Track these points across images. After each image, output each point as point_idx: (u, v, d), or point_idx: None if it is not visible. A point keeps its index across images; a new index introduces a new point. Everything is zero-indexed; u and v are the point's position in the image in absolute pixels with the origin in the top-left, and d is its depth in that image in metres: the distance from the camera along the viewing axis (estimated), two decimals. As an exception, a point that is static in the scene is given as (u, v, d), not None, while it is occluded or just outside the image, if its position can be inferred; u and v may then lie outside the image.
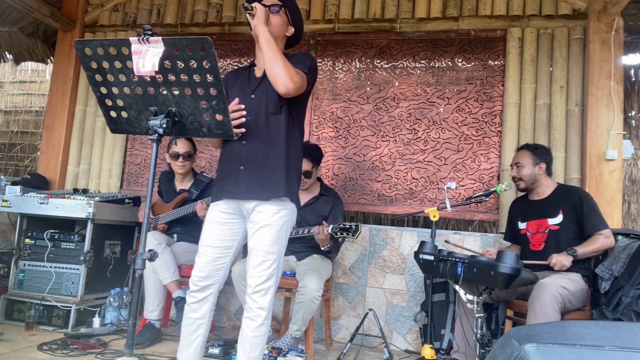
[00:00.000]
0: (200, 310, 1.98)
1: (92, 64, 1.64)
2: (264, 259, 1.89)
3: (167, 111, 1.65)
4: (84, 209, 3.06)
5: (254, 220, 1.92)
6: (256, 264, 1.90)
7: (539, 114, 3.35)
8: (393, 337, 3.33)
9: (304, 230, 2.88)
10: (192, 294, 1.97)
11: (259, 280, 1.89)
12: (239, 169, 1.94)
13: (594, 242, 2.53)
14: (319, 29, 3.79)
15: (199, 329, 1.99)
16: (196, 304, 1.97)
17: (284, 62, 1.82)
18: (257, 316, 1.89)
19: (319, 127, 3.76)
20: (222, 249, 1.97)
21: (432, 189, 3.49)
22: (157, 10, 4.17)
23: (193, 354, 1.99)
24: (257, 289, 1.89)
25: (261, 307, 1.89)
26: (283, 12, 2.00)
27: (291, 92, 1.85)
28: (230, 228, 1.99)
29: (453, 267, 2.25)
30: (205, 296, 1.97)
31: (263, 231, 1.90)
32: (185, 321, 2.00)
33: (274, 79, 1.83)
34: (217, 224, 1.98)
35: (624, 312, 2.35)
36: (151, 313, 2.92)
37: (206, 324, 2.01)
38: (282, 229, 1.93)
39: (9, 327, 2.99)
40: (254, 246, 1.91)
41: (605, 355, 0.87)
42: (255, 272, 1.90)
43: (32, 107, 6.33)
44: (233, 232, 1.99)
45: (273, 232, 1.91)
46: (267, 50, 1.82)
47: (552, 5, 3.40)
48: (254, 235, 1.92)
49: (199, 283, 1.96)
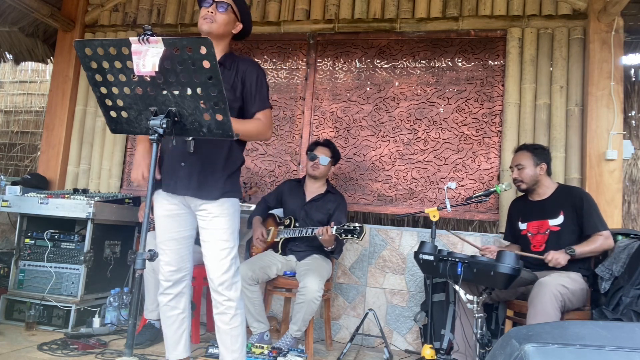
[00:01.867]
0: (179, 305, 1.99)
1: (92, 64, 1.64)
2: (221, 247, 1.90)
3: (167, 111, 1.65)
4: (84, 209, 3.06)
5: (206, 211, 1.92)
6: (213, 257, 1.90)
7: (539, 114, 3.35)
8: (393, 337, 3.33)
9: (307, 231, 2.87)
10: (167, 291, 1.98)
11: (220, 271, 1.89)
12: (179, 165, 1.94)
13: (592, 242, 2.53)
14: (319, 29, 3.79)
15: (183, 325, 2.00)
16: (173, 300, 1.99)
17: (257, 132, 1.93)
18: (228, 308, 1.90)
19: (319, 127, 3.76)
20: (183, 240, 2.00)
21: (432, 189, 3.49)
22: (157, 10, 4.17)
23: (183, 350, 1.99)
24: (220, 281, 1.89)
25: (229, 298, 1.90)
26: (231, 10, 1.98)
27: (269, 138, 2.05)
28: (184, 219, 2.00)
29: (453, 267, 2.25)
30: (181, 289, 1.99)
31: (216, 221, 1.91)
32: (167, 321, 1.99)
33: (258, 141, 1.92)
34: (170, 217, 1.98)
35: (624, 312, 2.35)
36: (151, 313, 2.92)
37: (187, 317, 2.02)
38: (233, 217, 1.95)
39: (9, 327, 2.99)
40: (209, 238, 1.92)
41: (605, 355, 0.87)
42: (214, 265, 1.90)
43: (32, 107, 6.33)
44: (187, 222, 2.01)
45: (225, 220, 1.92)
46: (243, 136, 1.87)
47: (552, 5, 3.40)
48: (207, 227, 1.93)
49: (171, 277, 1.96)
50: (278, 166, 3.81)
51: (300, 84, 3.85)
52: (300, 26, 3.83)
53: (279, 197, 3.23)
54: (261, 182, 3.82)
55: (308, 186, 3.15)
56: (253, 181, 3.80)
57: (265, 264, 2.86)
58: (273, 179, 3.80)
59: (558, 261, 2.47)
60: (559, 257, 2.48)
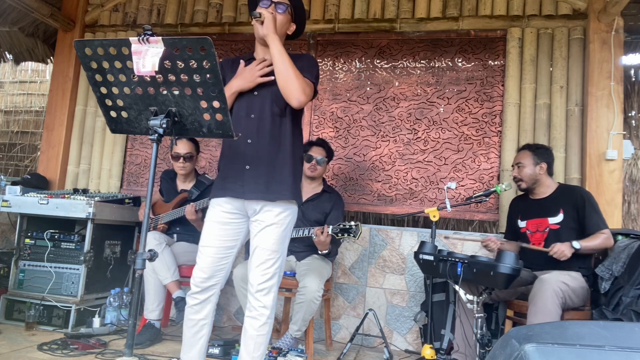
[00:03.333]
0: (203, 311, 1.95)
1: (92, 64, 1.64)
2: (268, 257, 1.88)
3: (167, 111, 1.65)
4: (84, 209, 3.06)
5: (260, 219, 1.91)
6: (260, 262, 1.88)
7: (539, 114, 3.35)
8: (393, 337, 3.33)
9: (304, 231, 2.88)
10: (194, 296, 1.94)
11: (262, 278, 1.88)
12: (244, 168, 1.91)
13: (596, 239, 2.55)
14: (319, 29, 3.79)
15: (202, 330, 1.97)
16: (198, 305, 1.94)
17: (296, 75, 1.82)
18: (261, 315, 1.88)
19: (319, 127, 3.76)
20: (224, 249, 1.94)
21: (432, 189, 3.49)
22: (157, 10, 4.17)
23: (197, 354, 1.98)
24: (260, 288, 1.87)
25: (264, 305, 1.88)
26: (289, 11, 1.99)
27: (303, 104, 1.86)
28: (233, 228, 1.96)
29: (453, 267, 2.25)
30: (208, 297, 1.95)
31: (269, 230, 1.89)
32: (188, 322, 1.98)
33: (288, 92, 1.82)
34: (219, 224, 1.95)
35: (624, 312, 2.35)
36: (151, 313, 2.92)
37: (209, 324, 1.99)
38: (286, 228, 1.93)
39: (9, 327, 2.99)
40: (259, 244, 1.90)
41: (605, 355, 0.87)
42: (258, 271, 1.88)
43: (32, 107, 6.34)
44: (236, 232, 1.97)
45: (278, 230, 1.90)
46: (281, 62, 1.81)
47: (552, 5, 3.40)
48: (258, 233, 1.91)
49: (201, 284, 1.93)
50: (278, 166, 3.81)
51: (300, 84, 3.84)
52: (300, 26, 3.82)
53: None
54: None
55: (304, 186, 3.15)
56: None
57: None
58: (273, 179, 3.79)
59: (564, 253, 2.47)
60: (564, 248, 2.48)
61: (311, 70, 1.94)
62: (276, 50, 1.82)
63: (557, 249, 2.49)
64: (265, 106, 1.93)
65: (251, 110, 1.93)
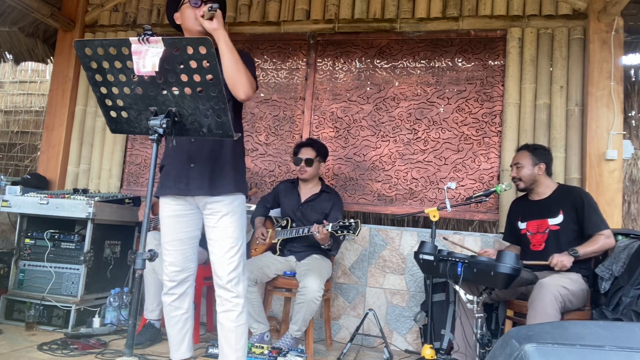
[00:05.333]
0: (183, 305, 2.00)
1: (92, 64, 1.64)
2: (231, 245, 1.92)
3: (167, 111, 1.65)
4: (84, 209, 3.06)
5: (214, 210, 1.94)
6: (224, 252, 1.91)
7: (539, 114, 3.35)
8: (393, 337, 3.33)
9: (303, 230, 2.88)
10: (171, 291, 1.98)
11: (229, 267, 1.90)
12: (189, 167, 1.95)
13: (595, 242, 2.53)
14: (319, 29, 3.79)
15: (186, 324, 2.02)
16: (177, 301, 1.99)
17: (245, 70, 1.85)
18: (235, 305, 1.91)
19: (319, 127, 3.76)
20: (189, 240, 2.00)
21: (432, 189, 3.49)
22: (157, 10, 4.17)
23: (187, 349, 2.00)
24: (230, 278, 1.90)
25: (237, 294, 1.91)
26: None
27: (250, 98, 1.91)
28: (190, 219, 2.01)
29: (453, 267, 2.25)
30: (185, 290, 2.00)
31: (225, 219, 1.93)
32: (170, 321, 2.00)
33: (236, 85, 1.85)
34: (176, 217, 1.99)
35: (624, 312, 2.35)
36: (151, 313, 2.92)
37: (190, 317, 2.03)
38: (242, 215, 1.98)
39: (9, 327, 2.99)
40: (218, 236, 1.93)
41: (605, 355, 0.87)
42: (224, 260, 1.91)
43: (32, 107, 6.34)
44: (194, 222, 2.02)
45: (235, 218, 1.94)
46: (230, 56, 1.82)
47: (552, 5, 3.40)
48: (216, 225, 1.94)
49: (176, 277, 1.97)
50: (278, 166, 3.81)
51: (300, 84, 3.85)
52: (301, 26, 3.83)
53: (275, 198, 3.25)
54: (261, 182, 3.82)
55: (302, 187, 3.15)
56: (253, 181, 3.80)
57: (264, 264, 2.87)
58: (273, 179, 3.80)
59: (564, 264, 2.46)
60: (564, 259, 2.47)
61: (252, 68, 1.98)
62: (225, 45, 1.83)
63: (556, 260, 2.48)
64: None
65: None
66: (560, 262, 2.47)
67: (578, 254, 2.47)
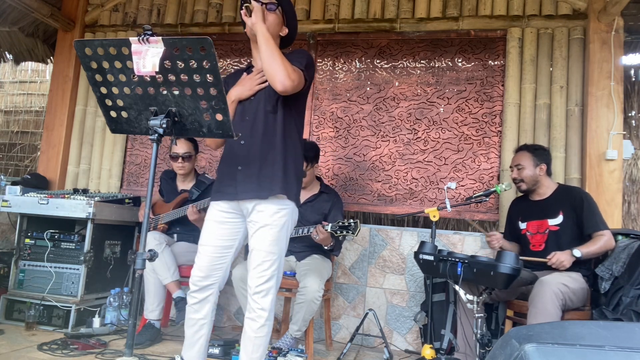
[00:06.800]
0: (202, 310, 1.97)
1: (92, 64, 1.64)
2: (264, 259, 1.89)
3: (167, 111, 1.65)
4: (84, 209, 3.06)
5: (254, 220, 1.92)
6: (256, 264, 1.89)
7: (539, 114, 3.35)
8: (393, 337, 3.33)
9: (303, 230, 2.88)
10: (193, 295, 1.96)
11: (259, 280, 1.88)
12: (237, 169, 1.94)
13: (596, 243, 2.53)
14: (319, 29, 3.79)
15: (202, 329, 1.99)
16: (197, 305, 1.97)
17: (281, 59, 1.81)
18: (259, 317, 1.89)
19: (319, 127, 3.76)
20: (222, 249, 1.97)
21: (432, 189, 3.49)
22: (157, 10, 4.17)
23: (197, 353, 1.99)
24: (257, 290, 1.88)
25: (262, 307, 1.88)
26: (279, 11, 1.99)
27: (289, 89, 1.84)
28: (231, 227, 1.98)
29: (453, 267, 2.25)
30: (206, 296, 1.97)
31: (263, 231, 1.90)
32: (188, 322, 2.00)
33: (272, 76, 1.82)
34: (217, 223, 1.97)
35: (624, 312, 2.35)
36: (151, 313, 2.92)
37: (208, 323, 2.00)
38: (282, 229, 1.92)
39: (9, 327, 2.99)
40: (254, 246, 1.91)
41: (605, 355, 0.87)
42: (255, 273, 1.89)
43: (32, 107, 6.34)
44: (233, 232, 1.99)
45: (273, 231, 1.90)
46: (265, 47, 1.81)
47: (552, 5, 3.40)
48: (254, 235, 1.92)
49: (198, 283, 1.95)
50: (278, 166, 3.81)
51: (300, 84, 3.84)
52: (300, 26, 3.81)
53: None
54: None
55: None
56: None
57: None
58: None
59: (562, 263, 2.46)
60: (563, 258, 2.46)
61: (300, 59, 1.93)
62: (262, 36, 1.82)
63: (556, 259, 2.47)
64: (258, 107, 1.96)
65: (246, 114, 1.96)
66: (559, 261, 2.46)
67: (581, 256, 2.47)
